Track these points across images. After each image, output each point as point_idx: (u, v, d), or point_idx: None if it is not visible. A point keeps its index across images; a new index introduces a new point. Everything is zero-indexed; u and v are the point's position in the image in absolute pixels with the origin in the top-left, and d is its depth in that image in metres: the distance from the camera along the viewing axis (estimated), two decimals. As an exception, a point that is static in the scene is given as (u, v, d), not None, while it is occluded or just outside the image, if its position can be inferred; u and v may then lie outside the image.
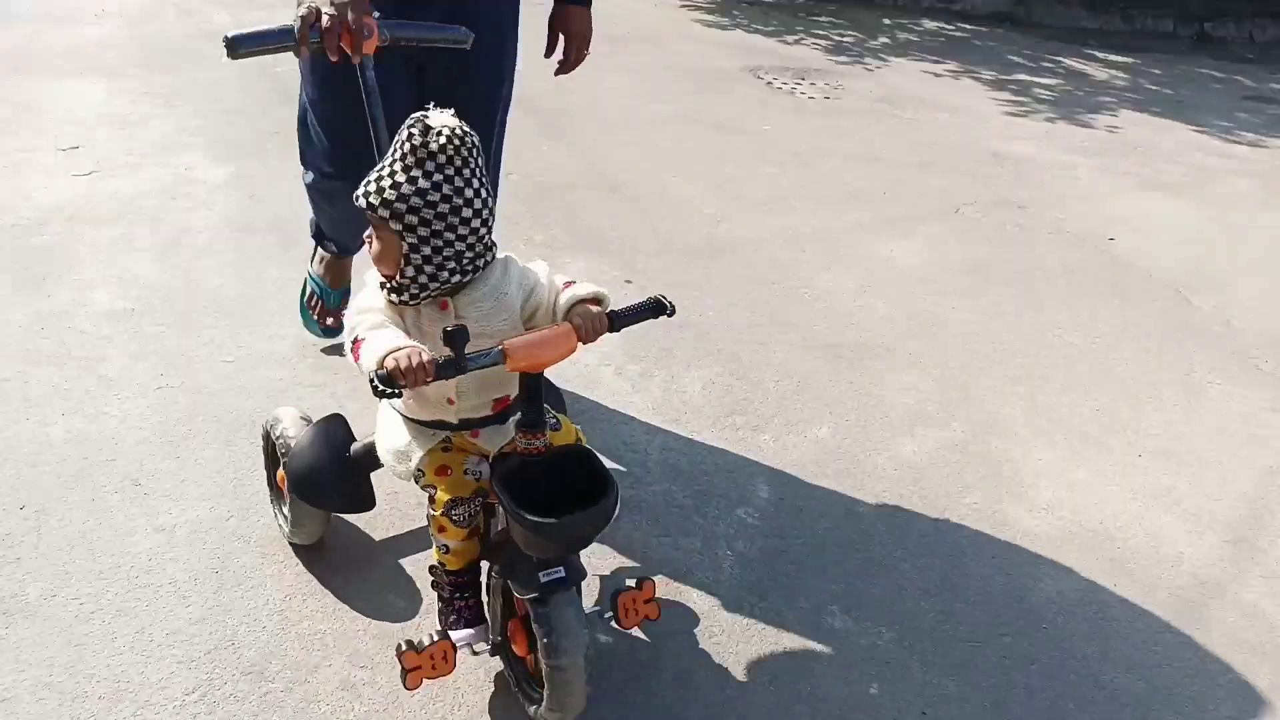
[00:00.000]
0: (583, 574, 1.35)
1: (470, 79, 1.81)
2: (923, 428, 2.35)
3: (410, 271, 1.26)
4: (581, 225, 3.38)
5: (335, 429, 1.62)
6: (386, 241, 1.26)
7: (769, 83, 5.58)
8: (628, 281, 2.93)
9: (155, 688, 1.46)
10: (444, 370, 1.17)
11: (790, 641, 1.68)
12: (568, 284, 1.35)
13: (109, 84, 4.18)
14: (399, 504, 1.86)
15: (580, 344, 1.27)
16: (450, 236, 1.24)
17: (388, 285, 1.30)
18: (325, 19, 1.51)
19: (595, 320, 1.28)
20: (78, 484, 1.86)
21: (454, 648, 1.39)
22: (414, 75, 1.82)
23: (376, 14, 1.55)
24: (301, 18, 1.52)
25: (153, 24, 5.21)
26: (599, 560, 1.79)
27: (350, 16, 1.50)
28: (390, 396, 1.18)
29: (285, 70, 4.62)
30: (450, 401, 1.35)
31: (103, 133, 3.64)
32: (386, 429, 1.47)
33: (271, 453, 1.74)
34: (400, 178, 1.21)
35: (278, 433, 1.67)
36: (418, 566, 1.73)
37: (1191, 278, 3.43)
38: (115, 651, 1.51)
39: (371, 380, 1.15)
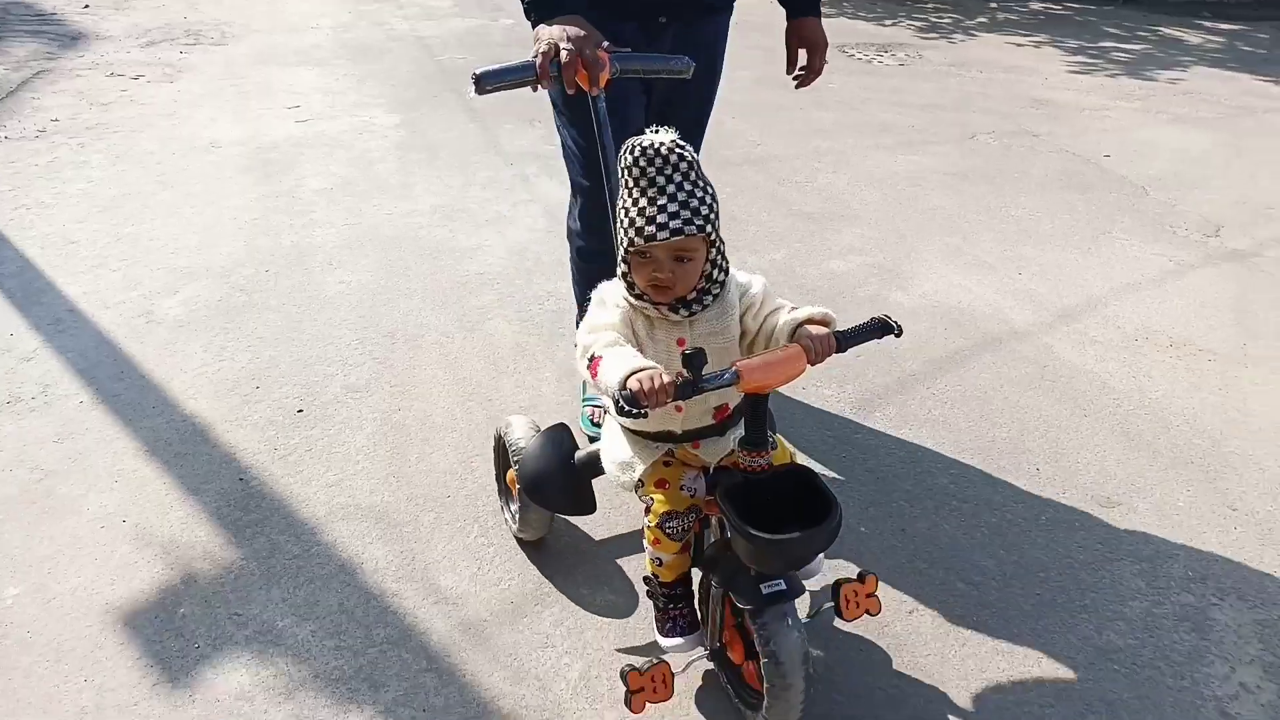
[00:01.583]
0: (802, 588, 1.39)
1: (684, 101, 1.93)
2: (854, 255, 3.20)
3: (715, 274, 1.34)
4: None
5: (562, 437, 1.71)
6: (697, 257, 1.31)
7: (850, 55, 6.36)
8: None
9: (348, 335, 2.64)
10: (683, 391, 1.20)
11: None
12: (793, 308, 1.36)
13: (320, 69, 5.65)
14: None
15: (809, 365, 1.28)
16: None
17: (679, 305, 1.34)
18: (564, 54, 1.54)
19: (823, 342, 1.28)
20: (298, 264, 3.10)
21: (671, 673, 1.46)
22: (644, 97, 1.91)
23: (605, 43, 1.60)
24: (542, 54, 1.56)
25: (352, 31, 6.75)
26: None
27: (586, 51, 1.56)
28: (635, 416, 1.19)
29: (446, 59, 5.98)
30: (678, 409, 1.38)
31: (314, 98, 5.05)
32: (611, 441, 1.53)
33: (502, 455, 1.87)
34: (685, 195, 1.27)
35: (509, 438, 1.78)
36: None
37: (1165, 181, 3.98)
38: (335, 323, 2.71)
39: (616, 401, 1.19)
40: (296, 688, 1.60)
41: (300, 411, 2.33)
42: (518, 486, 1.77)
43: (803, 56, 2.07)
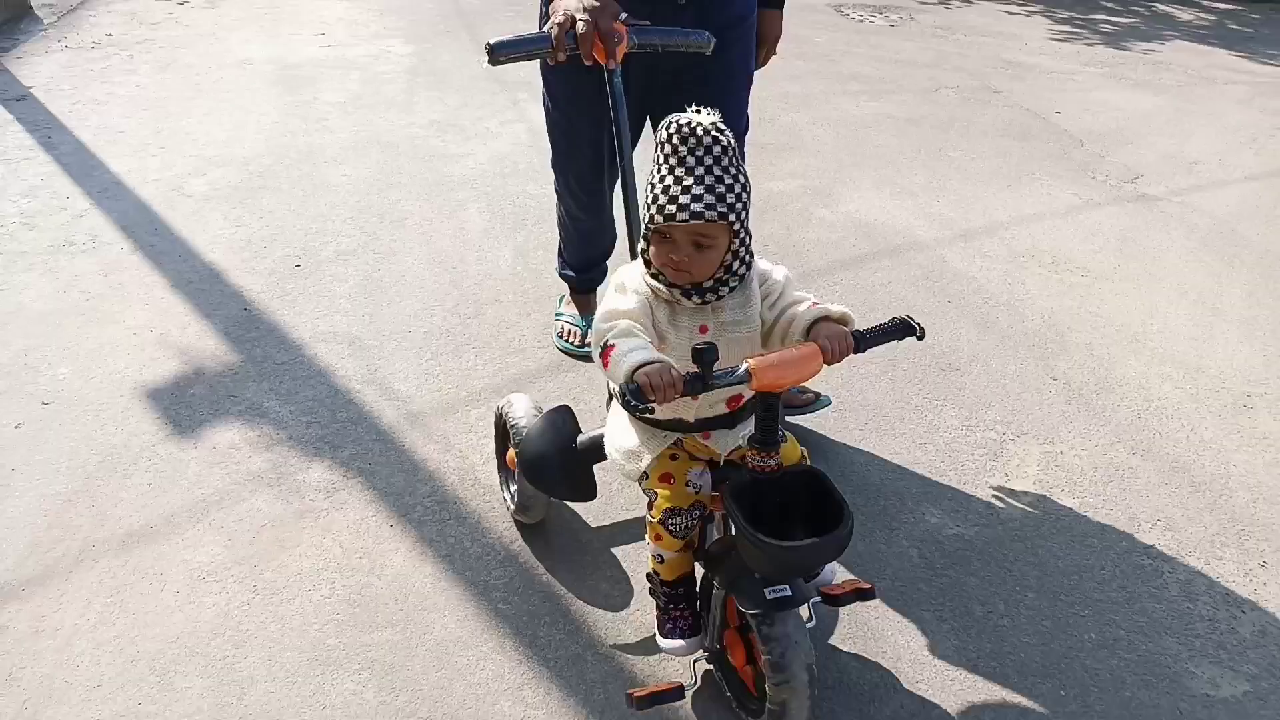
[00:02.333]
0: (807, 594, 1.34)
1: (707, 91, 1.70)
2: (793, 179, 3.61)
3: (735, 265, 1.30)
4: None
5: (564, 420, 1.67)
6: (719, 244, 1.27)
7: (845, 14, 6.68)
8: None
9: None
10: (691, 387, 1.18)
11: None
12: (814, 302, 1.34)
13: (348, 4, 6.08)
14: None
15: (825, 365, 1.24)
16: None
17: (693, 291, 1.31)
18: (580, 25, 1.53)
19: (841, 341, 1.25)
20: (308, 159, 3.58)
21: (681, 694, 1.44)
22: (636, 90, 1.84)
23: (623, 15, 1.58)
24: (558, 24, 1.54)
25: (383, -28, 7.19)
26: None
27: (602, 23, 1.54)
28: (642, 411, 1.16)
29: (465, 1, 6.39)
30: (693, 398, 1.32)
31: (339, 28, 5.50)
32: (618, 428, 1.48)
33: (503, 434, 1.84)
34: (714, 179, 1.23)
35: (511, 417, 1.75)
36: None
37: (1104, 136, 4.31)
38: (334, 204, 3.17)
39: (623, 395, 1.17)
40: (274, 444, 2.08)
41: (298, 266, 2.81)
42: (517, 467, 1.74)
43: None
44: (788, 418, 1.45)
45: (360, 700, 1.52)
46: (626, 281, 1.36)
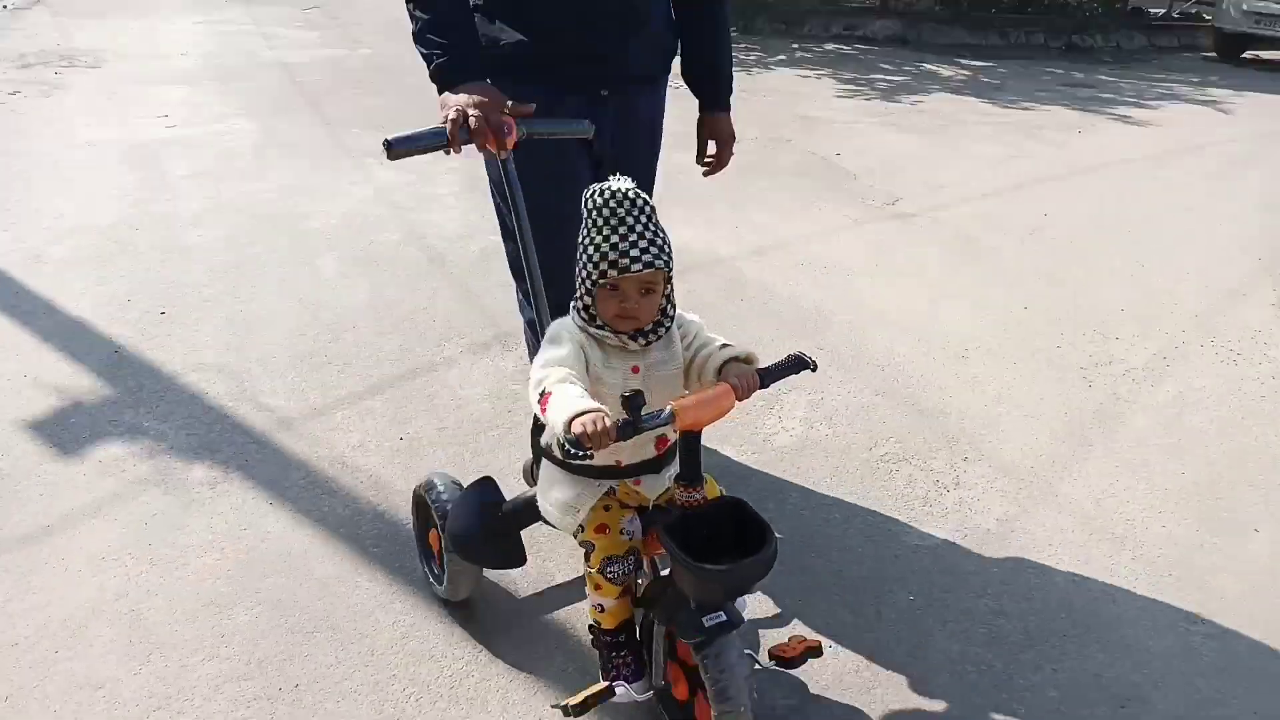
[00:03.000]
0: (742, 618, 1.46)
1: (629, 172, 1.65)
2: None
3: (668, 308, 1.46)
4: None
5: (488, 488, 1.76)
6: (658, 290, 1.43)
7: (662, 82, 7.47)
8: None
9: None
10: (623, 432, 1.29)
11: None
12: (723, 344, 1.49)
13: (189, 88, 6.34)
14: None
15: (737, 402, 1.37)
16: None
17: (638, 335, 1.44)
18: (472, 120, 1.64)
19: (749, 379, 1.39)
20: (163, 225, 3.83)
21: (612, 691, 1.52)
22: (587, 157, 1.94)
23: (510, 103, 1.69)
24: (452, 120, 1.66)
25: (220, 58, 7.44)
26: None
27: (492, 117, 1.65)
28: (580, 459, 1.27)
29: (306, 81, 6.72)
30: (626, 440, 1.38)
31: (182, 110, 5.73)
32: (552, 484, 1.57)
33: (423, 513, 1.89)
34: (651, 234, 1.40)
35: (433, 496, 1.81)
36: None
37: (874, 170, 5.13)
38: (193, 260, 3.42)
39: (563, 446, 1.26)
40: (156, 453, 2.35)
41: (164, 313, 3.07)
42: (441, 545, 1.80)
43: (712, 147, 2.31)
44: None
45: (255, 627, 1.83)
46: (562, 331, 1.49)
